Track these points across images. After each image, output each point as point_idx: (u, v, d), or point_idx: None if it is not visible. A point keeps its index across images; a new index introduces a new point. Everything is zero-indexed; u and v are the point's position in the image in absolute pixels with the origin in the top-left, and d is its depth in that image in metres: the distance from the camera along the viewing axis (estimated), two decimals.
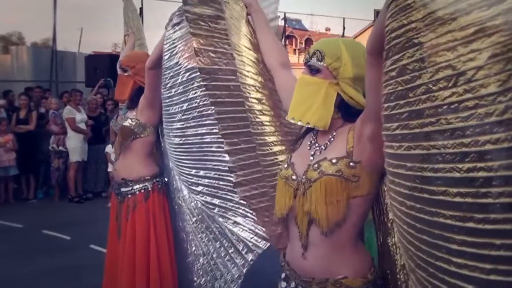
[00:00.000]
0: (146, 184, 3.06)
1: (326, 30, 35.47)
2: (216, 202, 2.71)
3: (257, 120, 1.89)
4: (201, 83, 2.14)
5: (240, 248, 2.68)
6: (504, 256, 0.86)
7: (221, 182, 2.66)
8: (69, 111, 7.63)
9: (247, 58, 1.93)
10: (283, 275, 1.66)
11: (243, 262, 2.67)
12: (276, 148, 1.91)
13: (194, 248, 2.99)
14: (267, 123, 1.90)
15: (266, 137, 1.88)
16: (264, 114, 1.90)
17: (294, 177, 1.56)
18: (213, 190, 2.69)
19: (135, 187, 3.05)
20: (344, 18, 14.83)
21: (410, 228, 1.08)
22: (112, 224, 3.22)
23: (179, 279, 3.11)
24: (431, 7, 0.93)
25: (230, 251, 2.74)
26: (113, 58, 10.59)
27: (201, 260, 2.95)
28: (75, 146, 7.67)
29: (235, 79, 1.94)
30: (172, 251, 3.07)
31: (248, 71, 1.91)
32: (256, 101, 1.89)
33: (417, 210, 1.03)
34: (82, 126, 7.77)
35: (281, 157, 1.88)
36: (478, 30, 0.85)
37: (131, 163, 3.07)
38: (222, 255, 2.79)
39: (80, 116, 7.73)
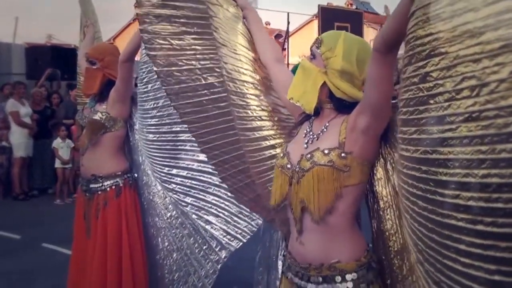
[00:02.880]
0: (117, 180, 2.97)
1: (266, 24, 35.76)
2: (188, 201, 2.71)
3: (255, 115, 1.93)
4: (171, 105, 2.11)
5: (214, 245, 2.71)
6: (508, 258, 0.93)
7: (193, 182, 2.66)
8: (12, 104, 7.27)
9: (245, 56, 1.96)
10: (286, 265, 1.70)
11: (217, 258, 2.70)
12: (273, 142, 1.95)
13: (166, 244, 2.97)
14: (265, 118, 1.94)
15: (265, 131, 1.93)
16: (262, 110, 1.94)
17: (289, 165, 1.61)
18: (185, 188, 2.69)
19: (105, 183, 2.95)
20: (288, 13, 14.93)
21: (421, 226, 1.13)
22: (79, 223, 3.08)
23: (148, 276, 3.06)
24: (460, 20, 0.97)
25: (204, 247, 2.76)
26: (55, 49, 10.22)
27: (174, 255, 2.93)
28: (19, 141, 7.35)
29: (208, 94, 1.96)
30: (143, 248, 3.02)
31: (246, 69, 1.94)
32: (254, 97, 1.93)
33: (429, 211, 1.08)
34: (27, 120, 7.43)
35: (279, 150, 1.91)
36: (504, 45, 0.90)
37: (100, 159, 2.97)
38: (196, 251, 2.79)
39: (25, 110, 7.38)
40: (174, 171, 2.68)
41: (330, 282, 1.54)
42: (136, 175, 3.13)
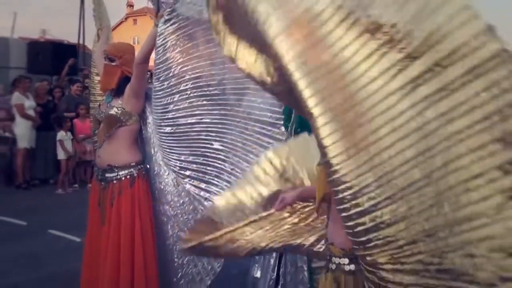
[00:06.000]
0: (132, 170, 3.02)
1: None
2: (202, 186, 2.80)
3: None
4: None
5: None
6: None
7: (208, 168, 2.75)
8: (17, 97, 7.21)
9: None
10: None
11: None
12: None
13: (177, 230, 3.03)
14: None
15: None
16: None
17: None
18: (200, 174, 2.79)
19: (120, 173, 3.00)
20: None
21: None
22: (94, 211, 3.13)
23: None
24: None
25: None
26: (56, 45, 10.16)
27: None
28: (23, 132, 7.29)
29: None
30: (154, 233, 3.08)
31: None
32: None
33: None
34: (30, 112, 7.38)
35: None
36: None
37: (116, 150, 3.02)
38: None
39: (29, 103, 7.33)
40: (191, 158, 2.77)
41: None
42: (148, 166, 3.19)
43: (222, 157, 2.69)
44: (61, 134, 7.26)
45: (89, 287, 3.08)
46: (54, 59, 9.16)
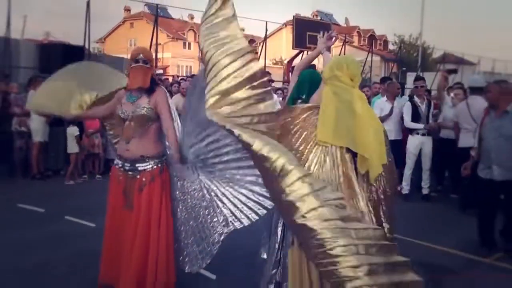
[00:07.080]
0: (161, 159, 3.35)
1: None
2: (215, 183, 3.29)
3: None
4: None
5: (221, 220, 3.25)
6: None
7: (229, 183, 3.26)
8: (32, 95, 7.53)
9: None
10: None
11: (221, 231, 3.25)
12: None
13: (184, 213, 3.42)
14: None
15: None
16: None
17: None
18: (219, 180, 3.27)
19: (151, 162, 3.30)
20: (266, 22, 15.62)
21: None
22: (116, 198, 3.35)
23: None
24: None
25: (214, 220, 3.28)
26: (65, 47, 10.48)
27: (191, 222, 3.39)
28: (38, 127, 7.58)
29: None
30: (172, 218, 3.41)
31: None
32: None
33: None
34: None
35: None
36: None
37: (146, 143, 3.30)
38: (208, 221, 3.30)
39: None
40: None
41: None
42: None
43: (227, 176, 3.24)
44: (74, 129, 7.55)
45: (110, 269, 3.36)
46: (64, 59, 9.44)
